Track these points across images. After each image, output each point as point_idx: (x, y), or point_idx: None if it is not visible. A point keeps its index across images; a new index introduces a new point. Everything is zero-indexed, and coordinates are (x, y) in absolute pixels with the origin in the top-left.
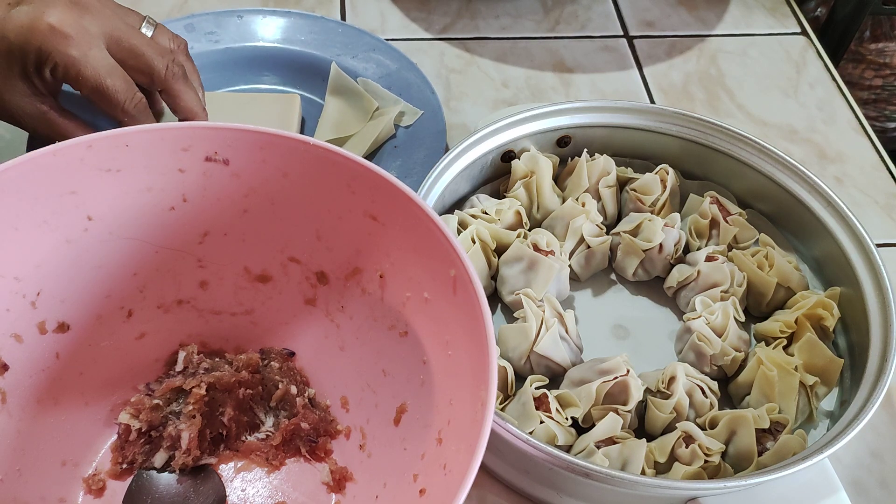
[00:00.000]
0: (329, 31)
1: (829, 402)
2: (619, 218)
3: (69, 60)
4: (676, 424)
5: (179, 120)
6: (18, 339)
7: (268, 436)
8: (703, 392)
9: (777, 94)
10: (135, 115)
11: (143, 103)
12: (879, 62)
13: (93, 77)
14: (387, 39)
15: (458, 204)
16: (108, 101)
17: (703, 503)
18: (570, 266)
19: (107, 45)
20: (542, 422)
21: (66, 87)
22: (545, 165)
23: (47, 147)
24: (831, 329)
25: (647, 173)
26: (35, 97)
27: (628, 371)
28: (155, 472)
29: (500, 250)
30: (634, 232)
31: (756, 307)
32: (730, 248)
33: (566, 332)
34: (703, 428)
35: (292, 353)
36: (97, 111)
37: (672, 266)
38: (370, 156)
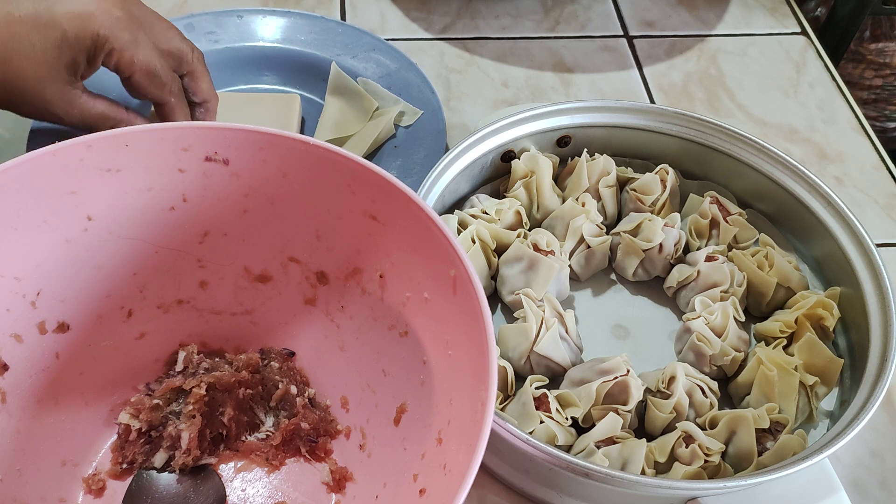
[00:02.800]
0: (329, 30)
1: (829, 402)
2: (619, 218)
3: (124, 45)
4: (676, 424)
5: (199, 102)
6: (18, 339)
7: (268, 436)
8: (703, 392)
9: (777, 94)
10: (179, 96)
11: (181, 84)
12: (879, 62)
13: (146, 60)
14: (387, 39)
15: (458, 204)
16: (158, 83)
17: (703, 503)
18: (570, 266)
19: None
20: (542, 422)
21: None
22: (545, 165)
23: (47, 147)
24: (831, 329)
25: (647, 173)
26: (71, 85)
27: (628, 371)
28: (155, 472)
29: (500, 250)
30: (634, 232)
31: (756, 307)
32: (730, 248)
33: (566, 331)
34: (702, 428)
35: (292, 353)
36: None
37: (672, 266)
38: (370, 156)
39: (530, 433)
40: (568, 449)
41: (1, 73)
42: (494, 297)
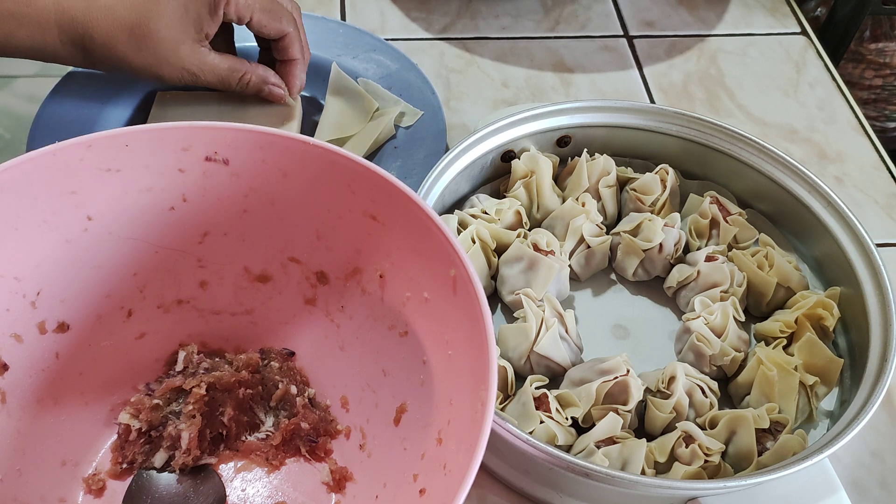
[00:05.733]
0: (329, 31)
1: (829, 402)
2: (619, 218)
3: None
4: (676, 424)
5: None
6: (18, 339)
7: (268, 436)
8: (703, 392)
9: (777, 94)
10: (296, 26)
11: (293, 15)
12: (879, 62)
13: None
14: (387, 39)
15: (458, 204)
16: (276, 16)
17: (703, 503)
18: (570, 266)
19: None
20: (542, 422)
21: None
22: (545, 165)
23: (47, 147)
24: (831, 329)
25: (647, 173)
26: (200, 43)
27: (628, 371)
28: (155, 472)
29: (500, 250)
30: (634, 232)
31: (756, 307)
32: (730, 248)
33: (566, 331)
34: (702, 428)
35: (292, 353)
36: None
37: (672, 266)
38: (370, 156)
39: (530, 433)
40: (568, 449)
41: (146, 41)
42: (494, 297)
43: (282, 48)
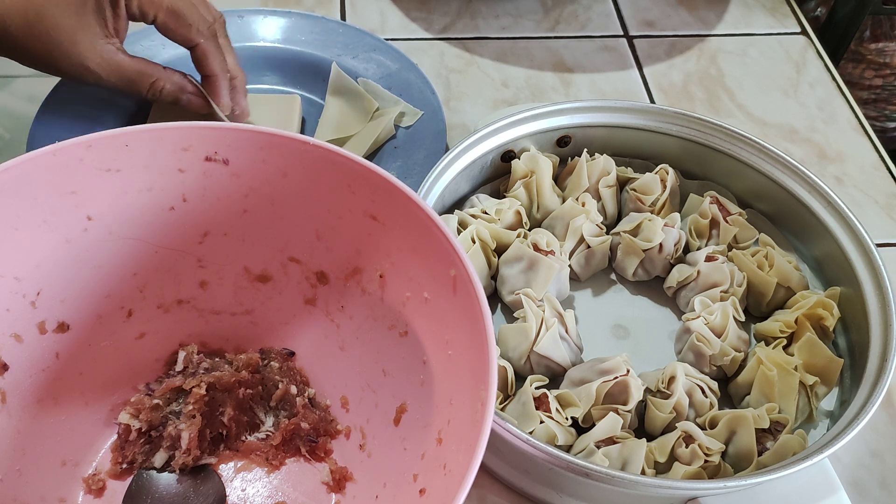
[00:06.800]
0: (329, 31)
1: (829, 402)
2: (619, 218)
3: None
4: (676, 424)
5: (203, 62)
6: (18, 339)
7: (268, 436)
8: (703, 392)
9: (777, 94)
10: (210, 39)
11: (212, 27)
12: (879, 62)
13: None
14: (387, 39)
15: (458, 204)
16: (184, 23)
17: (703, 503)
18: (570, 266)
19: None
20: (542, 422)
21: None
22: (545, 165)
23: (47, 147)
24: (831, 329)
25: (647, 173)
26: (105, 39)
27: (628, 371)
28: (155, 472)
29: (500, 250)
30: (634, 232)
31: (756, 307)
32: (730, 247)
33: (566, 331)
34: (702, 428)
35: (292, 353)
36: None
37: (672, 266)
38: (370, 156)
39: (530, 433)
40: (568, 449)
41: (39, 26)
42: (494, 297)
43: (196, 60)
